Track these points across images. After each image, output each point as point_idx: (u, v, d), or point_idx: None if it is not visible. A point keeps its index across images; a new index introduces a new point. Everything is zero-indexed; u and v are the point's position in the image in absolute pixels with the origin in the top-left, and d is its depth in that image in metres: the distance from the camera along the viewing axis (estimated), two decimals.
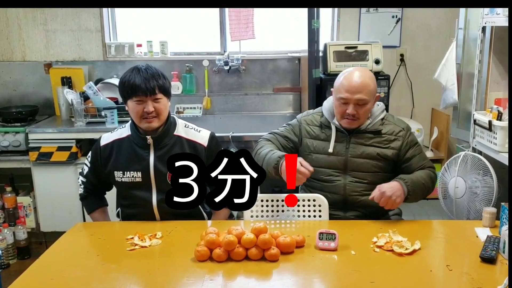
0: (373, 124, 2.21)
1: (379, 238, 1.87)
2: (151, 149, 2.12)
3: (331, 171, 2.22)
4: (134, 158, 2.12)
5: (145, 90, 2.04)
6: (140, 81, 2.04)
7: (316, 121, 2.29)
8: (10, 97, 3.90)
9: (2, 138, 3.39)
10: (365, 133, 2.21)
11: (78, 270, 1.71)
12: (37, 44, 3.73)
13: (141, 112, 2.07)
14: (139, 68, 2.09)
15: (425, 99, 3.93)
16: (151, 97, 2.06)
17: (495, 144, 2.54)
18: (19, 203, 3.53)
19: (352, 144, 2.20)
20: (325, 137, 2.24)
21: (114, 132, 2.22)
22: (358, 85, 2.10)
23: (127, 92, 2.08)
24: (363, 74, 2.14)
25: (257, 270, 1.69)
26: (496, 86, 2.81)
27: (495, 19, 2.62)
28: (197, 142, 2.16)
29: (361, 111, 2.13)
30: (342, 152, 2.21)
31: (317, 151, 2.24)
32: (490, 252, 1.71)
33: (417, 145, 2.27)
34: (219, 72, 3.91)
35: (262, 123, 3.88)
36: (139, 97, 2.05)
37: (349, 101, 2.12)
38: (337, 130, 2.22)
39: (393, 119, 2.29)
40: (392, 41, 3.85)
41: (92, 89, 3.48)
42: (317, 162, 2.21)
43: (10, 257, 3.42)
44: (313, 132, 2.28)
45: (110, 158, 2.16)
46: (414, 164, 2.22)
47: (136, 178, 2.12)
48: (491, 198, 2.44)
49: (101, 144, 2.19)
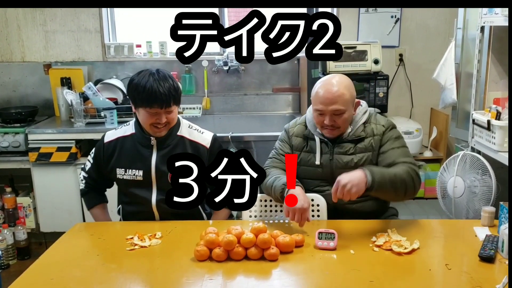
0: (355, 131, 2.14)
1: (378, 238, 1.88)
2: (154, 149, 2.13)
3: (319, 182, 2.18)
4: (137, 157, 2.13)
5: (162, 103, 2.02)
6: (158, 93, 2.00)
7: (301, 133, 2.23)
8: (9, 98, 3.91)
9: (2, 138, 3.39)
10: (347, 143, 2.14)
11: (78, 270, 1.72)
12: (37, 44, 3.73)
13: (153, 122, 2.06)
14: (156, 76, 2.04)
15: (424, 99, 3.94)
16: (166, 110, 2.04)
17: (494, 143, 2.54)
18: (19, 204, 3.53)
19: (336, 155, 2.14)
20: (309, 149, 2.20)
21: (119, 129, 2.23)
22: (332, 96, 2.03)
23: (142, 100, 2.04)
24: (338, 83, 2.06)
25: (256, 270, 1.69)
26: (495, 86, 2.82)
27: (493, 19, 2.63)
28: (200, 143, 2.17)
29: (339, 120, 2.07)
30: (327, 163, 2.15)
31: (303, 163, 2.19)
32: (489, 251, 1.72)
33: (397, 140, 2.14)
34: (218, 73, 3.92)
35: (261, 123, 3.89)
36: (154, 109, 2.03)
37: (325, 113, 2.06)
38: (321, 142, 2.17)
39: (375, 118, 2.19)
40: (391, 41, 3.86)
41: (91, 89, 3.49)
42: (304, 174, 2.18)
43: (10, 258, 3.43)
44: (298, 144, 2.23)
45: (113, 155, 2.17)
46: (389, 158, 2.08)
47: (137, 176, 2.13)
48: (490, 198, 2.45)
49: (105, 141, 2.19)
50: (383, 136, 2.14)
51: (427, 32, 3.86)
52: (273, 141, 3.10)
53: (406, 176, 1.98)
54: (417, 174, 2.03)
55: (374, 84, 3.42)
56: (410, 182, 1.99)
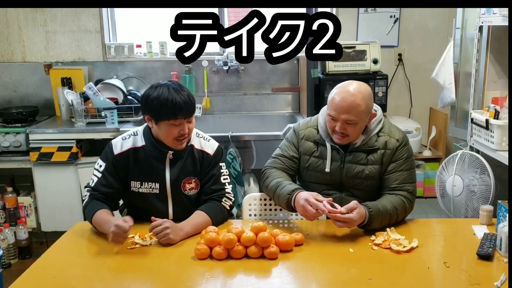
0: (368, 141, 2.09)
1: (377, 236, 1.89)
2: (167, 162, 2.07)
3: (326, 186, 2.16)
4: (151, 170, 2.07)
5: (185, 113, 1.97)
6: (181, 103, 1.95)
7: (312, 137, 2.17)
8: (10, 98, 3.91)
9: (3, 138, 3.40)
10: (359, 152, 2.09)
11: (79, 269, 1.73)
12: (37, 45, 3.74)
13: (176, 134, 2.00)
14: (172, 87, 1.98)
15: (423, 99, 3.95)
16: (188, 120, 2.01)
17: (492, 142, 2.56)
18: (20, 203, 3.54)
19: (347, 164, 2.09)
20: (320, 154, 2.14)
21: (127, 139, 2.10)
22: (346, 105, 1.97)
23: (167, 113, 1.96)
24: (356, 92, 1.98)
25: (256, 268, 1.71)
26: (493, 85, 2.83)
27: (492, 19, 2.64)
28: (205, 151, 2.13)
29: (350, 129, 2.01)
30: (336, 171, 2.11)
31: (312, 169, 2.16)
32: (487, 249, 1.73)
33: (406, 161, 2.09)
34: (218, 72, 3.93)
35: (261, 123, 3.90)
36: (179, 120, 1.97)
37: (337, 119, 2.01)
38: (332, 149, 2.12)
39: (389, 130, 2.13)
40: (390, 41, 3.87)
41: (92, 89, 3.50)
42: (312, 179, 2.16)
43: (11, 257, 3.44)
44: (308, 148, 2.18)
45: (128, 167, 2.07)
46: (393, 181, 2.08)
47: (154, 189, 2.07)
48: (488, 196, 2.46)
49: (115, 153, 2.07)
50: (395, 153, 2.09)
51: (426, 32, 3.87)
52: (273, 140, 3.13)
53: (400, 210, 2.01)
54: (411, 205, 2.07)
55: (373, 84, 3.43)
56: (402, 214, 2.04)
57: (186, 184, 2.09)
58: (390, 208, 1.98)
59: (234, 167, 3.22)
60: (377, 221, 1.93)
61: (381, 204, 1.98)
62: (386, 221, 1.97)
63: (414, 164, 2.16)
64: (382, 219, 1.95)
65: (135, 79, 3.93)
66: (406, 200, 2.05)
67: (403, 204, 2.03)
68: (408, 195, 2.06)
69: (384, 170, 2.10)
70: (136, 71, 3.93)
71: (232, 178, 3.22)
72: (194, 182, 2.11)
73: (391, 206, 1.99)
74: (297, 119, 3.65)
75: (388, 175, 2.09)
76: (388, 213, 1.97)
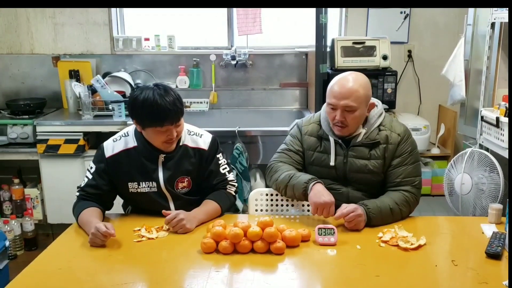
0: (369, 134, 2.09)
1: (385, 233, 1.88)
2: (160, 162, 2.07)
3: (331, 181, 2.16)
4: (145, 169, 2.06)
5: (172, 120, 1.95)
6: (167, 110, 1.92)
7: (315, 132, 2.19)
8: (18, 89, 3.93)
9: (10, 130, 3.41)
10: (361, 146, 2.10)
11: (85, 261, 1.73)
12: (46, 37, 3.74)
13: (164, 139, 1.99)
14: (157, 91, 1.93)
15: (433, 96, 3.92)
16: (176, 125, 1.98)
17: (502, 140, 2.53)
18: (26, 195, 3.56)
19: (350, 158, 2.11)
20: (323, 149, 2.16)
21: (118, 141, 2.09)
22: (346, 91, 2.00)
23: (151, 121, 1.94)
24: (354, 79, 2.03)
25: (262, 263, 1.70)
26: (504, 83, 2.80)
27: (504, 15, 2.61)
28: (200, 147, 2.12)
29: (349, 118, 2.02)
30: (341, 165, 2.12)
31: (317, 163, 2.17)
32: (496, 248, 1.71)
33: (410, 154, 2.10)
34: (226, 67, 3.92)
35: (268, 118, 3.89)
36: (166, 127, 1.95)
37: (336, 107, 2.02)
38: (335, 143, 2.13)
39: (390, 124, 2.13)
40: (400, 37, 3.84)
41: (99, 82, 3.50)
42: (317, 174, 2.15)
43: (17, 248, 3.46)
44: (312, 143, 2.20)
45: (122, 169, 2.06)
46: (396, 176, 2.09)
47: (152, 188, 2.08)
48: (497, 195, 2.44)
49: (107, 156, 2.06)
50: (398, 147, 2.09)
51: (436, 28, 3.84)
52: (280, 136, 3.11)
53: (401, 205, 2.03)
54: (416, 199, 2.08)
55: (382, 80, 3.41)
56: (407, 209, 2.05)
57: (179, 183, 2.10)
58: (390, 203, 2.00)
59: (240, 162, 3.21)
60: (377, 217, 1.96)
61: (380, 200, 2.02)
62: (388, 217, 1.99)
63: (418, 157, 2.16)
64: (382, 215, 1.97)
65: (142, 73, 3.93)
66: (410, 195, 2.06)
67: (405, 198, 2.04)
68: (412, 189, 2.07)
69: (388, 165, 2.11)
70: (144, 65, 3.92)
71: (239, 173, 3.22)
72: (186, 181, 2.11)
73: (391, 201, 2.01)
74: (305, 114, 3.62)
75: (392, 170, 2.10)
76: (387, 208, 1.99)
